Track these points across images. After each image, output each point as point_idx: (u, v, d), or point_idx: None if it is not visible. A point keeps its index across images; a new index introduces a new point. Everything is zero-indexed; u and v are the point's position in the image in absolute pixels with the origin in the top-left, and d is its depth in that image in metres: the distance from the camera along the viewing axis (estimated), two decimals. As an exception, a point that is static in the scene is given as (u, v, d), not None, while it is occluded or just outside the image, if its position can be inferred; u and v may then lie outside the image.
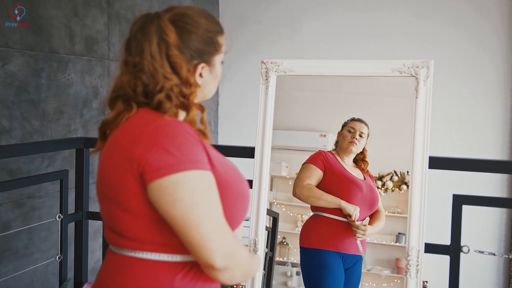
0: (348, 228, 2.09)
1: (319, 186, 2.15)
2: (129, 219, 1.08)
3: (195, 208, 1.02)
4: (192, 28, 1.15)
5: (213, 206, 1.04)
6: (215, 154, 1.13)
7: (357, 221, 2.07)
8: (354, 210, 2.07)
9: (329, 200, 2.10)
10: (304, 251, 2.19)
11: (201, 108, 1.15)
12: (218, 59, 1.20)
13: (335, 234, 2.12)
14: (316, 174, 2.15)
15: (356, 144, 2.16)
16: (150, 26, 1.12)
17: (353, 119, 2.19)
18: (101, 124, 1.17)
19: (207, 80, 1.19)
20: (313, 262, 2.14)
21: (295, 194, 2.17)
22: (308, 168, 2.17)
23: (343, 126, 2.21)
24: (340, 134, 2.21)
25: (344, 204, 2.08)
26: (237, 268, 1.07)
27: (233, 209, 1.13)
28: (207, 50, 1.16)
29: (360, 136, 2.16)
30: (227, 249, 1.04)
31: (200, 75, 1.17)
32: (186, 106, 1.12)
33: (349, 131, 2.17)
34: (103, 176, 1.12)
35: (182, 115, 1.14)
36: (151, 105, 1.12)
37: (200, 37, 1.15)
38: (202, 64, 1.16)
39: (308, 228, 2.20)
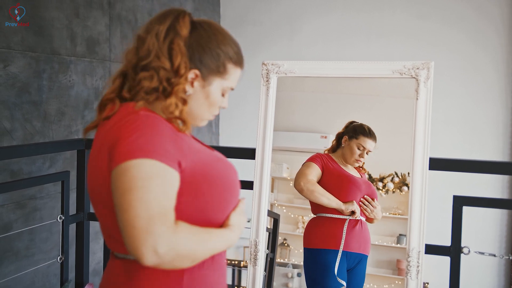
0: (350, 226, 2.10)
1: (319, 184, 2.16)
2: None
3: (128, 193, 0.96)
4: (205, 34, 1.15)
5: (152, 195, 0.96)
6: (195, 147, 1.11)
7: (360, 216, 2.09)
8: (356, 206, 2.08)
9: (331, 198, 2.11)
10: (307, 251, 2.19)
11: (183, 101, 1.12)
12: (217, 82, 1.16)
13: (338, 233, 2.12)
14: (317, 172, 2.16)
15: (361, 161, 2.16)
16: (170, 15, 1.15)
17: (365, 134, 2.13)
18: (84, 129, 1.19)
19: (198, 96, 1.15)
20: (315, 262, 2.15)
21: (299, 186, 2.15)
22: (311, 166, 2.18)
23: (352, 136, 2.16)
24: (347, 142, 2.16)
25: (344, 206, 2.09)
26: (177, 260, 0.98)
27: (221, 199, 1.11)
28: (208, 63, 1.14)
29: (367, 153, 2.15)
30: (156, 243, 0.93)
31: (192, 83, 1.14)
32: (167, 92, 1.10)
33: (359, 148, 2.14)
34: (90, 180, 1.12)
35: (158, 106, 1.13)
36: (131, 95, 1.13)
37: (208, 47, 1.14)
38: (196, 71, 1.13)
39: (311, 229, 2.21)
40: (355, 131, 2.16)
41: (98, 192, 1.08)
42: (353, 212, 2.09)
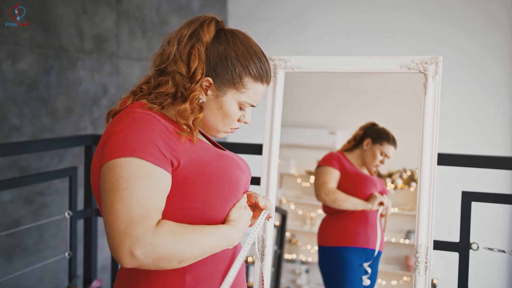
0: (370, 223, 2.09)
1: (337, 187, 2.15)
2: None
3: (112, 193, 0.95)
4: (226, 43, 1.12)
5: (134, 197, 0.95)
6: (196, 145, 1.09)
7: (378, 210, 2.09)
8: (380, 196, 2.08)
9: (355, 202, 2.10)
10: (325, 250, 2.17)
11: (200, 108, 1.11)
12: (231, 94, 1.13)
13: (359, 230, 2.11)
14: (335, 176, 2.15)
15: (379, 166, 2.17)
16: (197, 21, 1.14)
17: (389, 141, 2.13)
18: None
19: (211, 106, 1.13)
20: (336, 260, 2.13)
21: (320, 199, 2.15)
22: (327, 171, 2.16)
23: (376, 141, 2.15)
24: (370, 146, 2.15)
25: (369, 205, 2.08)
26: (161, 262, 0.96)
27: (220, 197, 1.08)
28: (221, 73, 1.11)
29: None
30: (133, 246, 0.92)
31: (205, 91, 1.12)
32: (183, 98, 1.09)
33: (381, 154, 2.14)
34: (91, 176, 1.10)
35: (172, 110, 1.12)
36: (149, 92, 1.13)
37: (225, 56, 1.11)
38: (209, 79, 1.11)
39: (328, 226, 2.19)
40: (380, 136, 2.14)
41: (97, 188, 1.08)
42: (381, 203, 2.08)
